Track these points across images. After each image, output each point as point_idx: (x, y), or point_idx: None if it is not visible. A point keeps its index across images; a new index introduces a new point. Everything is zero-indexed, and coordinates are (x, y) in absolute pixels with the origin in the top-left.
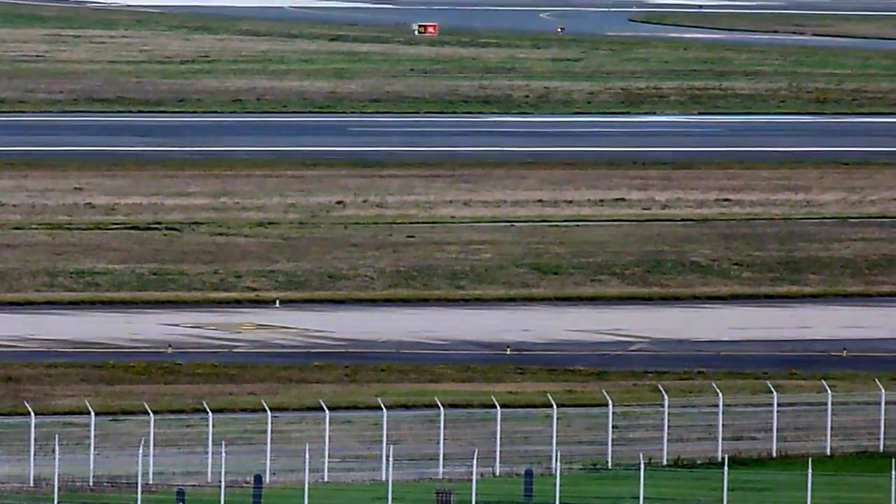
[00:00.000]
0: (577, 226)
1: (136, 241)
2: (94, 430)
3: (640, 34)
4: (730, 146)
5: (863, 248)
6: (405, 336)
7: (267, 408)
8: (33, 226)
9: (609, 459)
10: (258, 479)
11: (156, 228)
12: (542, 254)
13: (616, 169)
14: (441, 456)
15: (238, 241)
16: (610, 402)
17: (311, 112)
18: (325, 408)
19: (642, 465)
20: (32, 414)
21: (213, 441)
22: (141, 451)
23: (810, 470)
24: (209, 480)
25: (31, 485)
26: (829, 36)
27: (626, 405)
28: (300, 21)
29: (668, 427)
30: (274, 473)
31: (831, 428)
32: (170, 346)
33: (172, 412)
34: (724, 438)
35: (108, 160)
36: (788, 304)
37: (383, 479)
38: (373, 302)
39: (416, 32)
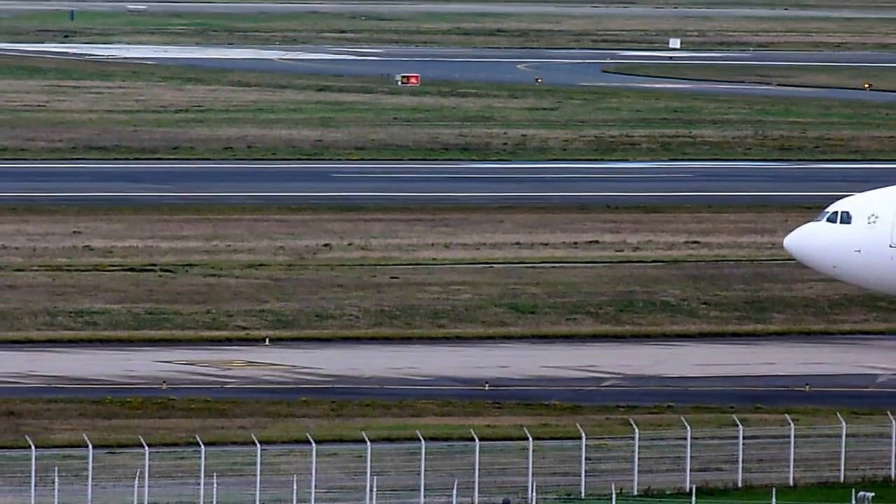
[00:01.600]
0: (553, 267)
1: (132, 282)
2: (92, 462)
3: (612, 84)
4: (698, 191)
5: (824, 289)
6: (388, 373)
7: (256, 441)
8: (34, 268)
9: (582, 490)
10: None
11: (151, 270)
12: (518, 294)
13: (589, 213)
14: (422, 487)
15: (229, 283)
16: (583, 435)
17: (298, 159)
18: (311, 441)
19: (614, 496)
20: (32, 447)
21: (205, 473)
22: (137, 482)
23: (774, 500)
24: None
25: None
26: (792, 86)
27: (598, 438)
28: (288, 72)
29: (639, 459)
30: (263, 503)
31: (794, 459)
32: (164, 382)
33: (166, 445)
34: (692, 469)
35: (105, 205)
36: (754, 341)
37: None
38: (357, 340)
39: (399, 83)
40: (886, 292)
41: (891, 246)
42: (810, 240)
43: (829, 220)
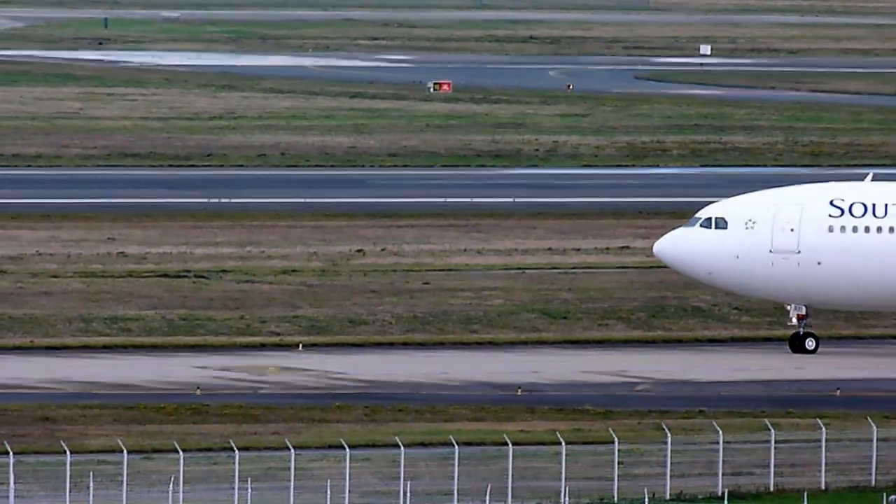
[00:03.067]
0: (585, 273)
1: (166, 288)
2: (127, 467)
3: (644, 91)
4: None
5: None
6: (421, 378)
7: (290, 446)
8: (68, 274)
9: (615, 494)
10: None
11: (185, 276)
12: (550, 299)
13: (621, 219)
14: (455, 491)
15: (263, 289)
16: (616, 439)
17: (331, 166)
18: (345, 446)
19: (647, 500)
20: (68, 452)
21: (239, 478)
22: (171, 487)
23: None
24: None
25: None
26: (823, 92)
27: (630, 443)
28: (321, 79)
29: (671, 463)
30: None
31: (825, 464)
32: (198, 388)
33: (200, 450)
34: (723, 474)
35: (139, 212)
36: (784, 346)
37: None
38: (391, 345)
39: (432, 90)
40: (765, 297)
41: (770, 251)
42: (684, 246)
43: (702, 225)
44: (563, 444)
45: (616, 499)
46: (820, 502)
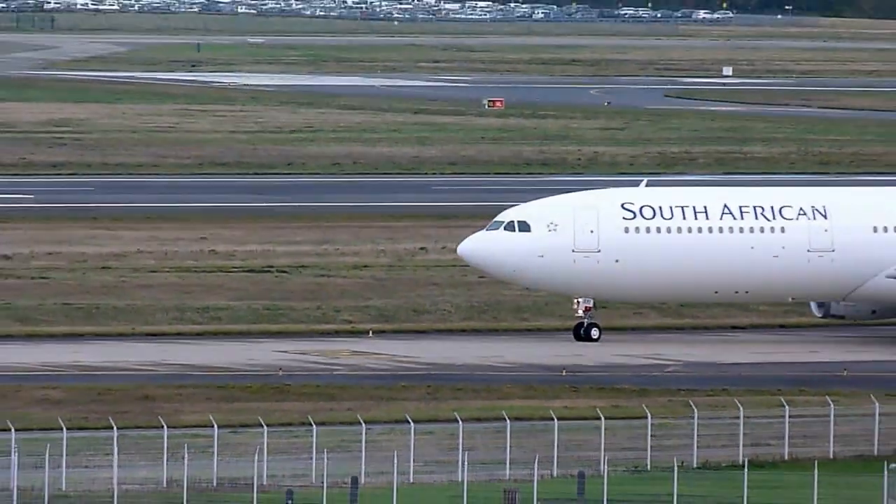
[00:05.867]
0: None
1: (252, 281)
2: (217, 440)
3: (673, 107)
4: None
5: None
6: (477, 360)
7: (361, 421)
8: (165, 269)
9: (648, 463)
10: (354, 480)
11: (268, 271)
12: None
13: None
14: (508, 461)
15: (337, 282)
16: (649, 415)
17: (398, 173)
18: (409, 421)
19: (676, 468)
20: (165, 427)
21: (316, 449)
22: (256, 458)
23: (816, 471)
24: (313, 482)
25: (164, 486)
26: (832, 108)
27: (662, 417)
28: (389, 97)
29: (698, 435)
30: (367, 476)
31: (834, 436)
32: (280, 369)
33: (282, 425)
34: (744, 445)
35: (227, 214)
36: (798, 332)
37: (459, 480)
38: (450, 332)
39: (486, 106)
40: (565, 293)
41: (573, 251)
42: (488, 247)
43: (506, 228)
44: (603, 419)
45: (649, 467)
46: (829, 470)
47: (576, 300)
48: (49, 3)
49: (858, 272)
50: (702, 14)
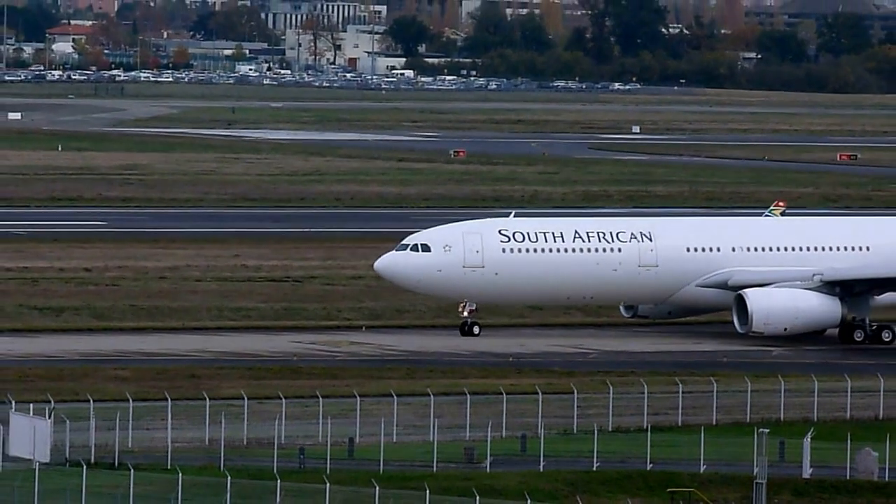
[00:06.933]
0: None
1: (274, 288)
2: (247, 409)
3: (595, 157)
4: None
5: None
6: (446, 349)
7: (356, 394)
8: (208, 279)
9: (575, 427)
10: (351, 440)
11: (286, 281)
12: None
13: None
14: (468, 425)
15: (339, 289)
16: (575, 391)
17: (385, 207)
18: (393, 395)
19: (595, 431)
20: (207, 398)
21: (322, 416)
22: (276, 422)
23: (703, 434)
24: (320, 441)
25: (207, 443)
26: (716, 157)
27: (585, 393)
28: (379, 148)
29: (613, 406)
30: (361, 436)
31: (716, 407)
32: (295, 355)
33: (297, 398)
34: (647, 413)
35: (256, 237)
36: (689, 330)
37: (430, 439)
38: (424, 327)
39: (452, 156)
40: (458, 299)
41: (464, 266)
42: (398, 264)
43: (412, 249)
44: (540, 393)
45: (576, 430)
46: (712, 434)
47: (461, 304)
48: (120, 76)
49: (676, 282)
50: (616, 86)
